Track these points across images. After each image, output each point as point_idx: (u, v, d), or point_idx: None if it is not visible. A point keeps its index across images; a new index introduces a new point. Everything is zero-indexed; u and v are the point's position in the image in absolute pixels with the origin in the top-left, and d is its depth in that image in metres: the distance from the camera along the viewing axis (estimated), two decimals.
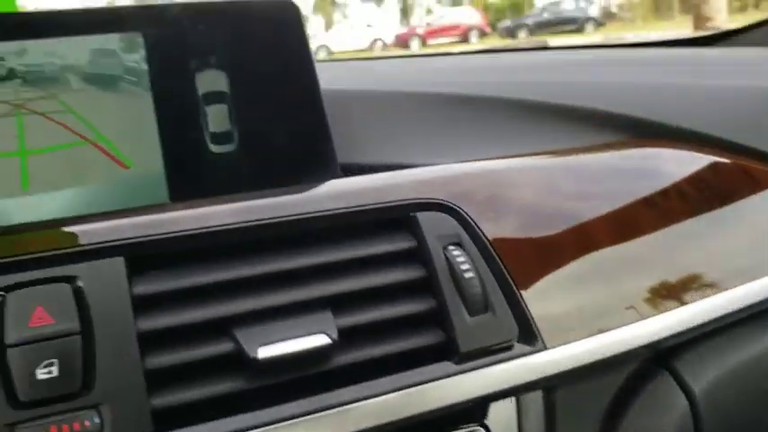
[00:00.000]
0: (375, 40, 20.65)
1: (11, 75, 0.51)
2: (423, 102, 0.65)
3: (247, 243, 0.45)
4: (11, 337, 0.37)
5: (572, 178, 0.57)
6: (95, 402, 0.38)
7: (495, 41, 17.42)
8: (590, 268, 0.52)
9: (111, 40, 0.53)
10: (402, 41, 19.68)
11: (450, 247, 0.47)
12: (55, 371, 0.37)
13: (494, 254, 0.48)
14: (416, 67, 0.90)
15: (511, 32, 17.11)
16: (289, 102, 0.56)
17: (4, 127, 0.50)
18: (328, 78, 0.58)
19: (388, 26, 22.68)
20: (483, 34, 18.94)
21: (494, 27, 20.52)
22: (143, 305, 0.41)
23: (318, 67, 0.57)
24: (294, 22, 0.57)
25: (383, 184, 0.49)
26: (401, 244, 0.47)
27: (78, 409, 0.37)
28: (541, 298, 0.49)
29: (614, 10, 20.03)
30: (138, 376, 0.39)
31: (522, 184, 0.54)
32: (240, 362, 0.41)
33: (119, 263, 0.41)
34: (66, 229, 0.44)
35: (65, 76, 0.52)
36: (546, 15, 17.58)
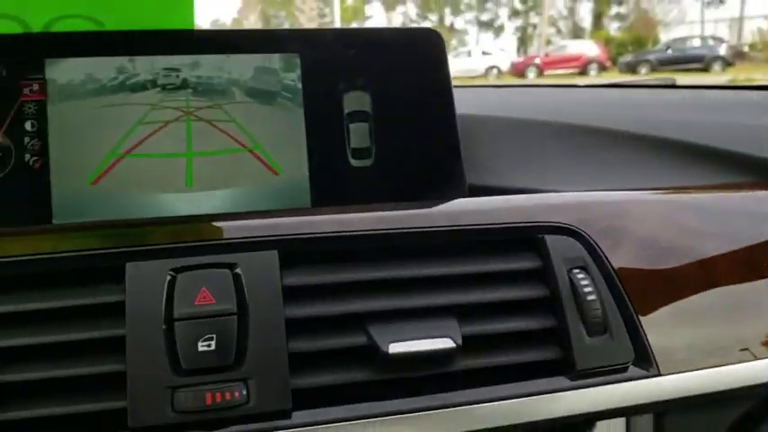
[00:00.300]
0: (491, 68, 20.66)
1: (184, 84, 0.58)
2: (551, 130, 0.68)
3: (385, 249, 0.49)
4: (179, 311, 0.43)
5: (698, 215, 0.58)
6: (244, 377, 0.43)
7: (614, 76, 17.04)
8: (709, 305, 0.53)
9: (273, 60, 0.59)
10: (518, 70, 19.58)
11: (575, 270, 0.49)
12: (212, 345, 0.43)
13: (616, 280, 0.50)
14: (542, 96, 0.93)
15: (632, 68, 16.63)
16: (425, 123, 0.61)
17: (175, 130, 0.57)
18: (459, 102, 0.62)
19: (504, 54, 22.62)
20: (602, 68, 18.57)
21: (614, 61, 20.09)
22: (291, 295, 0.46)
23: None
24: (437, 50, 0.61)
25: (514, 206, 0.52)
26: (528, 263, 0.50)
27: (229, 381, 0.43)
28: (659, 327, 0.50)
29: (745, 49, 19.17)
30: (282, 357, 0.44)
31: (649, 216, 0.56)
32: (371, 355, 0.45)
33: (273, 256, 0.46)
34: (229, 222, 0.49)
35: (230, 89, 0.58)
36: (670, 52, 17.01)
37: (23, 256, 0.45)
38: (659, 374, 0.49)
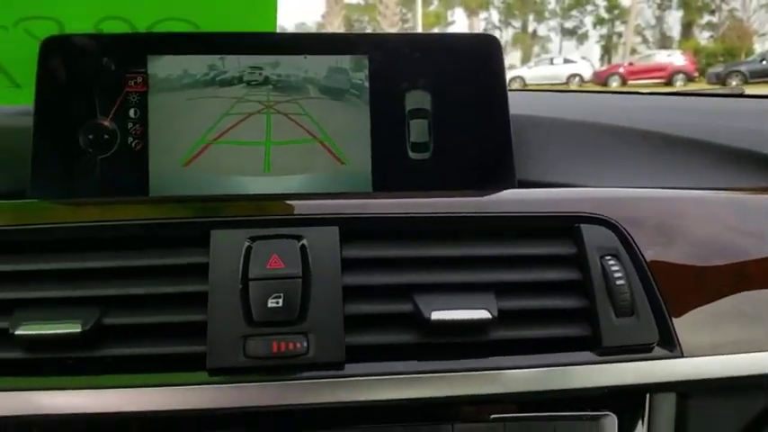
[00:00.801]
0: (572, 75, 20.37)
1: (266, 81, 0.65)
2: (600, 131, 0.73)
3: (434, 230, 0.55)
4: (253, 272, 0.51)
5: (737, 215, 0.61)
6: (306, 331, 0.50)
7: (701, 87, 16.50)
8: (739, 302, 0.56)
9: (344, 60, 0.66)
10: (600, 79, 19.24)
11: (607, 257, 0.54)
12: (280, 302, 0.50)
13: (646, 269, 0.55)
14: (602, 101, 0.97)
15: (721, 79, 16.02)
16: (480, 121, 0.66)
17: (257, 121, 0.65)
18: (516, 104, 0.67)
19: (587, 63, 22.23)
20: (689, 79, 18.04)
21: (702, 72, 19.46)
22: (349, 265, 0.52)
23: (511, 95, 0.67)
24: (494, 54, 0.67)
25: (555, 197, 0.58)
26: (564, 249, 0.55)
27: (293, 334, 0.50)
28: (685, 314, 0.54)
29: None
30: (338, 318, 0.50)
31: (686, 212, 0.59)
32: (416, 321, 0.51)
33: (334, 231, 0.53)
34: (298, 202, 0.57)
35: (305, 86, 0.66)
36: (765, 63, 16.34)
37: (124, 220, 0.53)
38: (682, 356, 0.53)
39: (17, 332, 0.48)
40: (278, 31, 0.70)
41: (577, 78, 20.33)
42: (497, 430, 0.52)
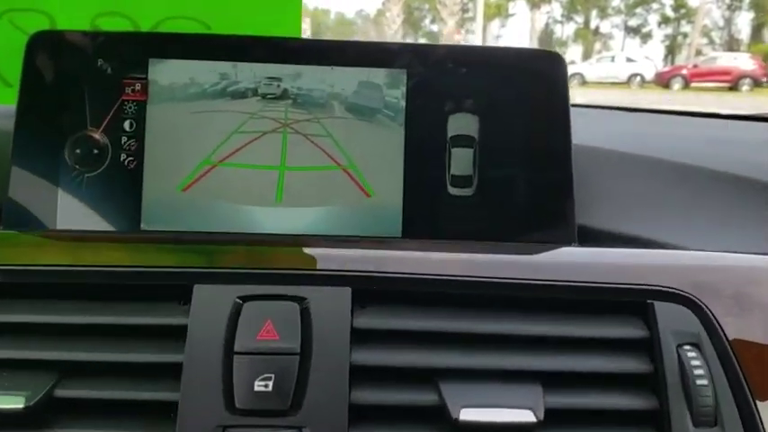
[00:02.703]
0: (633, 75, 19.87)
1: (284, 95, 0.55)
2: (673, 171, 0.60)
3: (470, 297, 0.44)
4: (240, 344, 0.41)
5: None
6: (299, 424, 0.40)
7: None
8: None
9: (378, 74, 0.56)
10: (663, 80, 18.69)
11: (686, 347, 0.43)
12: (270, 385, 0.40)
13: (734, 361, 0.43)
14: (677, 127, 0.84)
15: None
16: (536, 155, 0.55)
17: (271, 141, 0.55)
18: (578, 127, 0.56)
19: (649, 63, 21.66)
20: (757, 84, 17.38)
21: None
22: (360, 338, 0.42)
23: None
24: (558, 76, 0.56)
25: (622, 263, 0.46)
26: (632, 331, 0.44)
27: (283, 428, 0.40)
28: None
29: None
30: (342, 408, 0.40)
31: None
32: (440, 417, 0.41)
33: (345, 293, 0.43)
34: (305, 249, 0.46)
35: (330, 103, 0.56)
36: None
37: (92, 266, 0.44)
38: None
39: None
40: (315, 29, 0.60)
41: (638, 78, 19.78)
42: None
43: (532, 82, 0.56)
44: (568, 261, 0.47)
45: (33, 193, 0.53)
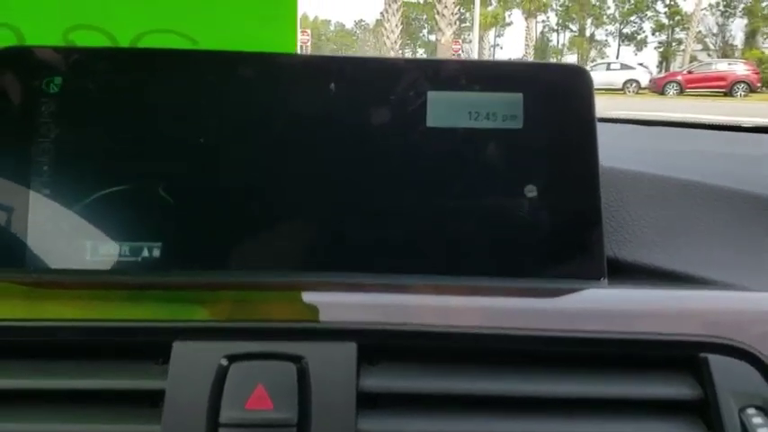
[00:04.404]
0: (629, 82, 19.89)
1: None
2: (708, 196, 0.54)
3: (493, 351, 0.38)
4: (226, 415, 0.34)
5: None
6: None
7: (764, 98, 15.92)
8: None
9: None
10: (658, 86, 18.71)
11: (749, 410, 0.37)
12: None
13: None
14: (703, 143, 0.78)
15: None
16: (560, 178, 0.49)
17: None
18: (599, 143, 0.50)
19: (644, 69, 21.69)
20: (751, 90, 17.39)
21: (766, 83, 18.80)
22: (367, 403, 0.36)
23: None
24: (583, 91, 0.50)
25: (666, 307, 0.40)
26: (683, 391, 0.37)
27: None
28: None
29: None
30: None
31: None
32: None
33: (350, 349, 0.37)
34: (303, 296, 0.40)
35: None
36: None
37: (53, 321, 0.37)
38: None
39: None
40: (316, 40, 0.54)
41: (634, 85, 19.79)
42: None
43: (555, 97, 0.50)
44: (605, 306, 0.41)
45: None
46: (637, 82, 19.92)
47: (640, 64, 23.28)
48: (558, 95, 0.50)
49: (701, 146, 0.77)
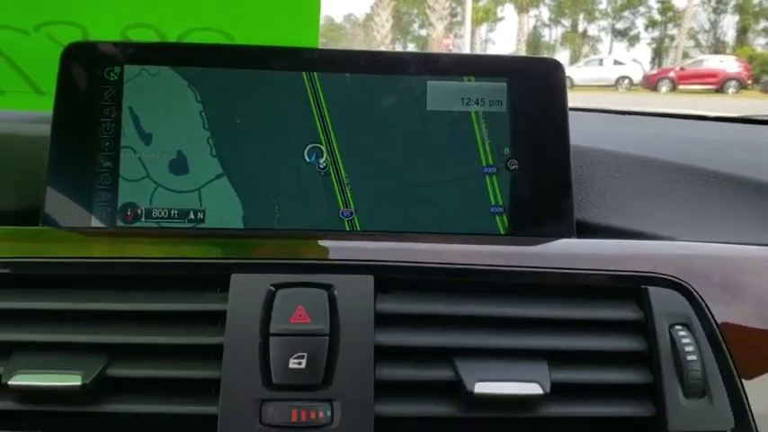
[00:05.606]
0: (622, 78, 19.99)
1: None
2: (667, 170, 0.65)
3: (481, 284, 0.49)
4: (275, 327, 0.45)
5: None
6: (330, 398, 0.44)
7: (754, 95, 16.07)
8: None
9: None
10: (650, 83, 18.84)
11: (677, 326, 0.47)
12: (303, 363, 0.44)
13: (720, 340, 0.48)
14: (667, 129, 0.89)
15: None
16: (539, 154, 0.59)
17: None
18: (576, 129, 0.60)
19: (637, 65, 21.80)
20: (742, 86, 17.55)
21: (757, 80, 18.95)
22: (383, 321, 0.46)
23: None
24: (556, 81, 0.60)
25: (618, 253, 0.51)
26: (628, 314, 0.48)
27: (316, 401, 0.44)
28: (765, 394, 0.47)
29: None
30: (368, 383, 0.44)
31: (763, 272, 0.52)
32: (456, 391, 0.45)
33: (368, 280, 0.47)
34: (331, 242, 0.51)
35: None
36: None
37: (137, 258, 0.48)
38: None
39: (11, 382, 0.43)
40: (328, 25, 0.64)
41: (627, 81, 19.91)
42: None
43: (532, 87, 0.60)
44: (570, 252, 0.51)
45: (70, 194, 0.57)
46: (629, 78, 20.06)
47: (633, 60, 23.41)
48: (536, 84, 0.60)
49: (667, 132, 0.88)
